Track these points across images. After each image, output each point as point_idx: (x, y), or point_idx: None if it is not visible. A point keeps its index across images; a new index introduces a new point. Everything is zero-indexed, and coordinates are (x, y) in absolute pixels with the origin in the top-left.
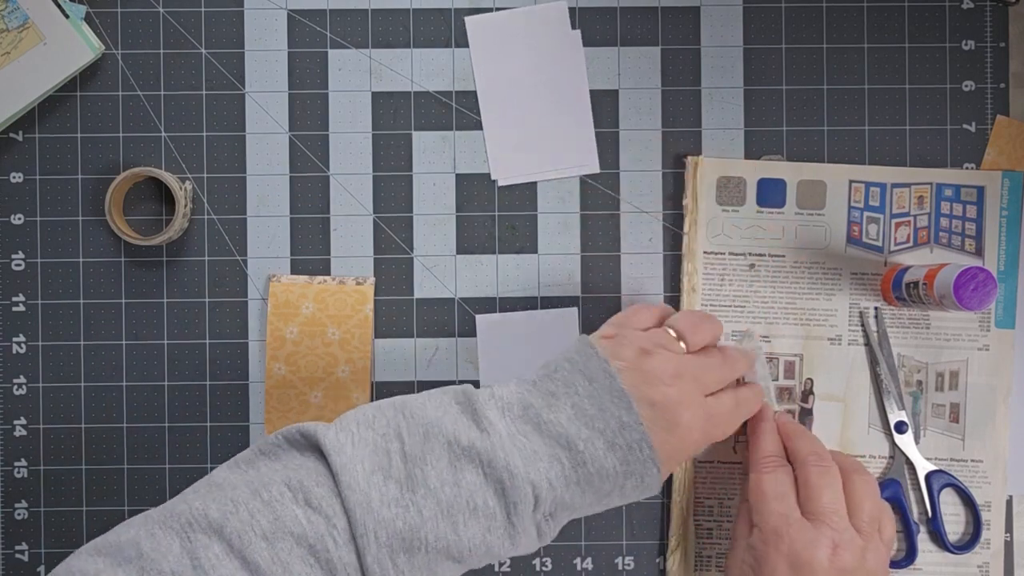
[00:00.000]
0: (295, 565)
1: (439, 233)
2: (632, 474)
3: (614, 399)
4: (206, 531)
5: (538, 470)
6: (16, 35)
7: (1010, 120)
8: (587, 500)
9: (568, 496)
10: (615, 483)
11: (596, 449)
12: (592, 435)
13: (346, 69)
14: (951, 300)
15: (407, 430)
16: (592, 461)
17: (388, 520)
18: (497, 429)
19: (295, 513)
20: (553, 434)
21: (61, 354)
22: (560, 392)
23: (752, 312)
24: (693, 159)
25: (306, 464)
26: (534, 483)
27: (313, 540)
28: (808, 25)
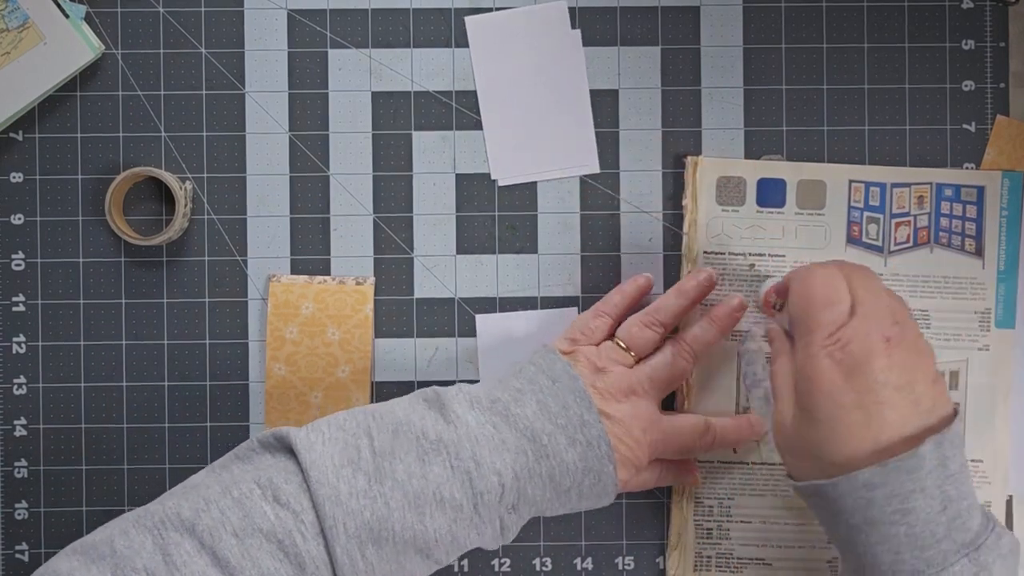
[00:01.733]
0: (264, 560)
1: (439, 233)
2: (590, 470)
3: (576, 398)
4: (178, 529)
5: (504, 460)
6: (16, 35)
7: (1010, 120)
8: (547, 495)
9: (531, 489)
10: (574, 479)
11: (558, 443)
12: (555, 430)
13: (346, 69)
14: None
15: (376, 428)
16: (554, 455)
17: (356, 511)
18: (464, 420)
19: (264, 510)
20: (520, 427)
21: (61, 354)
22: (526, 389)
23: (751, 312)
24: (692, 159)
25: (276, 464)
26: (499, 472)
27: (282, 535)
28: (808, 25)
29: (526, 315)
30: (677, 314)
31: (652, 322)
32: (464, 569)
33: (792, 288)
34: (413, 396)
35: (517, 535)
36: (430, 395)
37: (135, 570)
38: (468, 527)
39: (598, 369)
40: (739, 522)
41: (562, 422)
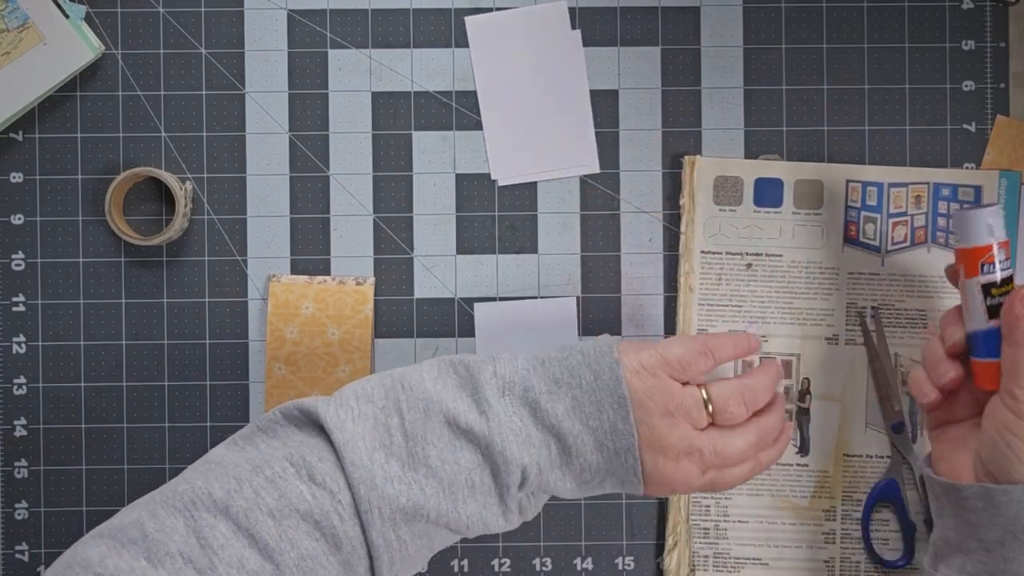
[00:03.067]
0: (302, 540)
1: (439, 233)
2: (614, 474)
3: (614, 403)
4: (211, 510)
5: (529, 455)
6: (16, 35)
7: (1010, 120)
8: (568, 485)
9: (552, 479)
10: (596, 476)
11: (584, 445)
12: (583, 431)
13: (346, 69)
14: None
15: (406, 404)
16: (578, 455)
17: (392, 497)
18: (495, 412)
19: (300, 489)
20: (547, 423)
21: (61, 354)
22: (564, 380)
23: (749, 312)
24: (690, 158)
25: (307, 441)
26: (524, 466)
27: (319, 516)
28: (808, 25)
29: (525, 304)
30: None
31: (749, 400)
32: (464, 569)
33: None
34: (443, 366)
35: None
36: (461, 371)
37: (169, 554)
38: (496, 513)
39: (667, 413)
40: (736, 522)
41: (593, 424)
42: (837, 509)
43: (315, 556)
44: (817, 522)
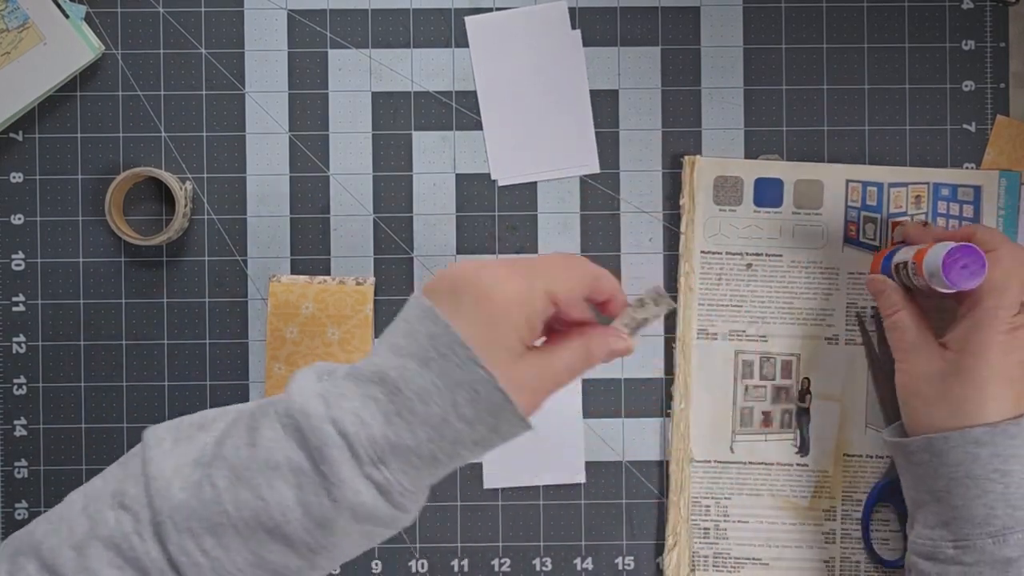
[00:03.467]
0: (103, 570)
1: (439, 233)
2: (459, 385)
3: (423, 319)
4: (26, 553)
5: (342, 407)
6: (16, 35)
7: (1010, 120)
8: (422, 435)
9: (392, 433)
10: (443, 403)
11: (408, 371)
12: (403, 361)
13: (346, 69)
14: (940, 279)
15: (230, 411)
16: (407, 384)
17: (182, 502)
18: (301, 385)
19: (107, 517)
20: (366, 376)
21: (61, 354)
22: (379, 345)
23: (749, 312)
24: (689, 158)
25: (136, 464)
26: (335, 420)
27: (119, 540)
28: (808, 25)
29: None
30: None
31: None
32: (464, 569)
33: (1002, 257)
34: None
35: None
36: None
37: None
38: (318, 491)
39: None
40: (736, 522)
41: (411, 350)
42: (837, 509)
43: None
44: (817, 522)
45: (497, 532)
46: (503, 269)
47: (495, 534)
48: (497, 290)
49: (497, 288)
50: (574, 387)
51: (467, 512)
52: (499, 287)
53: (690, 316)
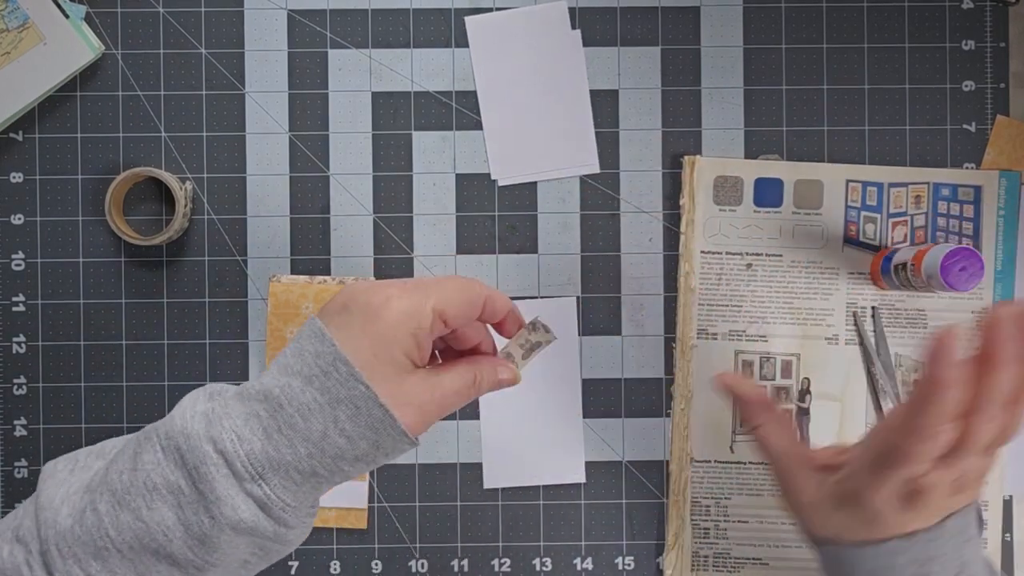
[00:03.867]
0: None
1: (439, 233)
2: (340, 401)
3: (311, 338)
4: None
5: (222, 426)
6: (16, 35)
7: (1010, 120)
8: (302, 451)
9: (272, 449)
10: (324, 419)
11: (292, 389)
12: (289, 379)
13: (346, 69)
14: (938, 281)
15: (118, 444)
16: (289, 401)
17: (67, 529)
18: (185, 407)
19: (3, 550)
20: (251, 395)
21: (61, 354)
22: (274, 361)
23: (749, 312)
24: (689, 158)
25: (32, 497)
26: (215, 439)
27: (11, 572)
28: (808, 25)
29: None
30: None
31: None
32: (464, 569)
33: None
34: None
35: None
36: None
37: None
38: (198, 511)
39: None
40: (736, 522)
41: (296, 368)
42: None
43: None
44: None
45: (497, 532)
46: (393, 288)
47: (495, 534)
48: (385, 307)
49: (385, 305)
50: (574, 387)
51: (467, 512)
52: (387, 304)
53: (690, 316)
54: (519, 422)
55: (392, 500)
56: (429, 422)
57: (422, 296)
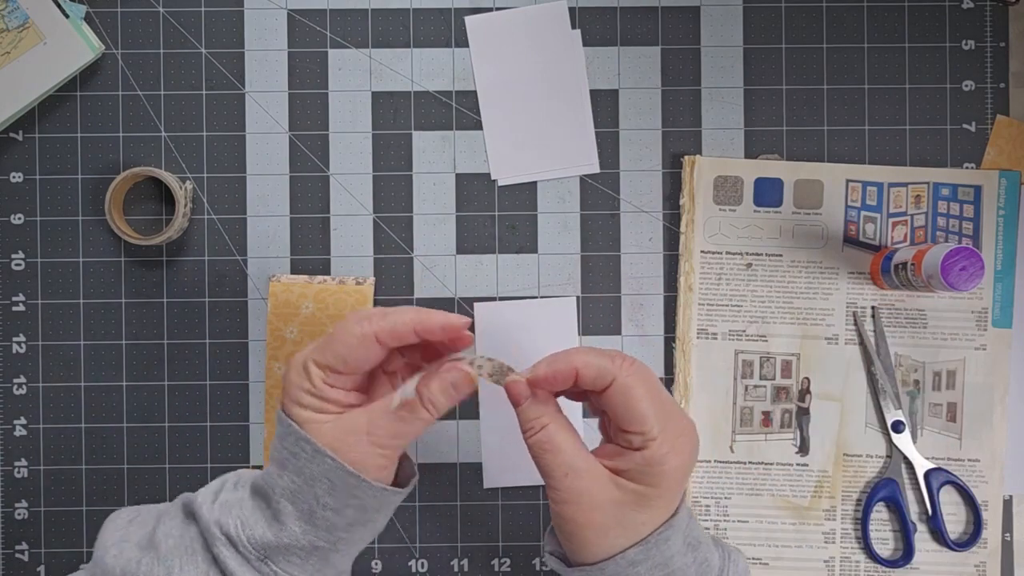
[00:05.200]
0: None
1: (439, 233)
2: (315, 479)
3: (279, 422)
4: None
5: (229, 513)
6: (16, 35)
7: (1010, 120)
8: (296, 530)
9: (272, 535)
10: (309, 499)
11: (271, 476)
12: (271, 469)
13: (346, 69)
14: (938, 280)
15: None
16: (273, 489)
17: (109, 568)
18: (212, 490)
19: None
20: (253, 488)
21: (61, 354)
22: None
23: (749, 311)
24: (689, 158)
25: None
26: (220, 523)
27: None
28: (808, 25)
29: (524, 305)
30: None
31: None
32: (464, 569)
33: (629, 384)
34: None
35: None
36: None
37: None
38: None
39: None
40: (736, 522)
41: (274, 454)
42: (837, 509)
43: None
44: (817, 522)
45: (497, 532)
46: (293, 356)
47: (495, 534)
48: (284, 378)
49: (284, 377)
50: None
51: (467, 512)
52: (285, 376)
53: (690, 316)
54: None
55: None
56: (382, 455)
57: (310, 355)
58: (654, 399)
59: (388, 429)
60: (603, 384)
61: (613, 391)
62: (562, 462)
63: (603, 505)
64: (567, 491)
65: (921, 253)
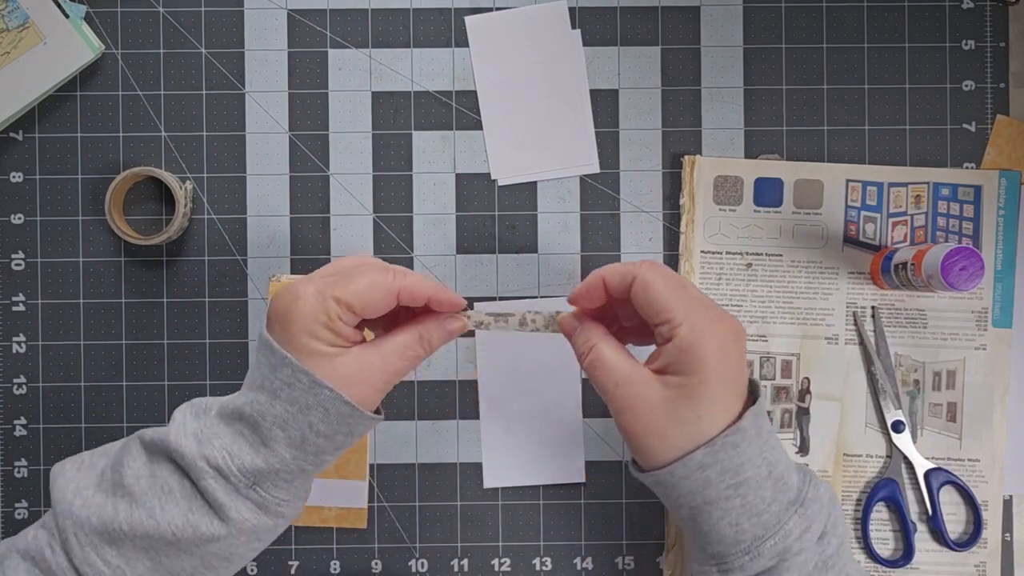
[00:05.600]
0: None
1: (439, 233)
2: (309, 408)
3: (264, 351)
4: None
5: (212, 446)
6: (16, 35)
7: (1010, 120)
8: (286, 456)
9: (261, 460)
10: (302, 427)
11: (261, 405)
12: (256, 395)
13: (346, 69)
14: (938, 280)
15: (123, 441)
16: (263, 417)
17: (83, 519)
18: (179, 424)
19: (28, 534)
20: (230, 414)
21: (61, 354)
22: (245, 383)
23: (749, 311)
24: (689, 158)
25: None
26: (207, 457)
27: (34, 551)
28: (808, 25)
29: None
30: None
31: None
32: (464, 569)
33: (648, 278)
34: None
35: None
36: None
37: None
38: (207, 514)
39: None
40: None
41: (259, 382)
42: None
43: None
44: None
45: (497, 532)
46: (300, 286)
47: (495, 534)
48: (293, 309)
49: (293, 307)
50: (574, 387)
51: (467, 512)
52: (295, 306)
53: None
54: (519, 422)
55: (392, 500)
56: (382, 389)
57: (325, 287)
58: (674, 288)
59: (396, 367)
60: (626, 285)
61: (635, 289)
62: (612, 375)
63: (655, 407)
64: (621, 400)
65: (921, 253)
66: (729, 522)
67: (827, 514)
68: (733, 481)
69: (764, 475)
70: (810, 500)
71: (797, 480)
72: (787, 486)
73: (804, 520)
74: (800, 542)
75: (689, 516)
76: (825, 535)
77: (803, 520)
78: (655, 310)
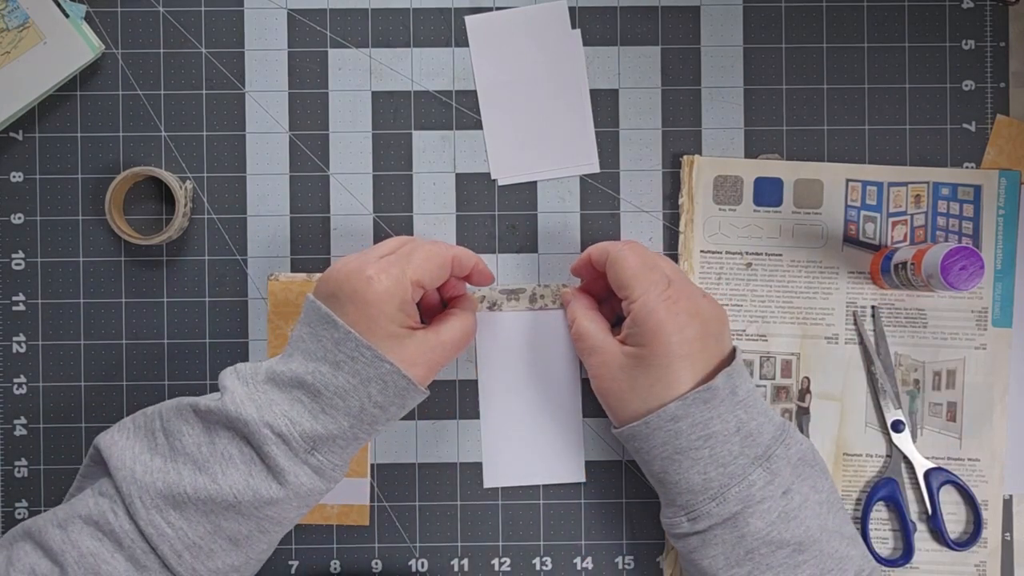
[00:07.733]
0: (84, 541)
1: (439, 233)
2: (370, 380)
3: (325, 326)
4: (21, 537)
5: (273, 412)
6: (16, 35)
7: (1010, 119)
8: (344, 424)
9: (320, 427)
10: (360, 397)
11: (323, 375)
12: (317, 365)
13: (346, 69)
14: (938, 280)
15: (168, 410)
16: (325, 387)
17: (148, 484)
18: (232, 391)
19: (87, 502)
20: (287, 382)
21: (61, 354)
22: (292, 349)
23: (749, 311)
24: (688, 158)
25: (99, 470)
26: (271, 424)
27: (97, 516)
28: (808, 25)
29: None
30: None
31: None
32: (464, 568)
33: (625, 254)
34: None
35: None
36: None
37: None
38: (267, 477)
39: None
40: None
41: (320, 355)
42: None
43: (97, 553)
44: None
45: (497, 532)
46: (371, 268)
47: (495, 534)
48: (369, 289)
49: (369, 288)
50: (574, 387)
51: (467, 512)
52: (370, 286)
53: None
54: (519, 422)
55: (392, 499)
56: (436, 371)
57: (399, 271)
58: (640, 267)
59: (451, 355)
60: (603, 261)
61: (608, 265)
62: (586, 344)
63: (616, 373)
64: (592, 367)
65: (921, 253)
66: (698, 471)
67: (793, 471)
68: (703, 433)
69: (732, 430)
70: (777, 457)
71: (769, 437)
72: (755, 443)
73: (768, 473)
74: (763, 491)
75: (661, 469)
76: (790, 491)
77: (767, 473)
78: (619, 285)
